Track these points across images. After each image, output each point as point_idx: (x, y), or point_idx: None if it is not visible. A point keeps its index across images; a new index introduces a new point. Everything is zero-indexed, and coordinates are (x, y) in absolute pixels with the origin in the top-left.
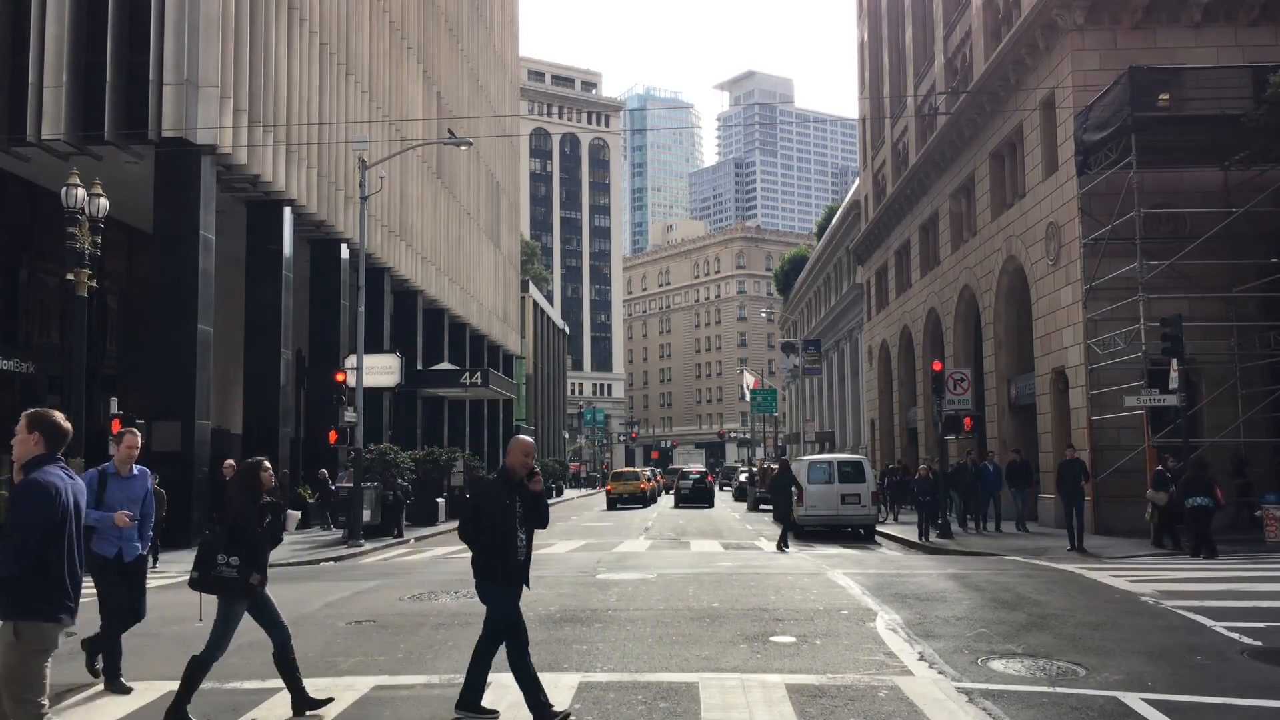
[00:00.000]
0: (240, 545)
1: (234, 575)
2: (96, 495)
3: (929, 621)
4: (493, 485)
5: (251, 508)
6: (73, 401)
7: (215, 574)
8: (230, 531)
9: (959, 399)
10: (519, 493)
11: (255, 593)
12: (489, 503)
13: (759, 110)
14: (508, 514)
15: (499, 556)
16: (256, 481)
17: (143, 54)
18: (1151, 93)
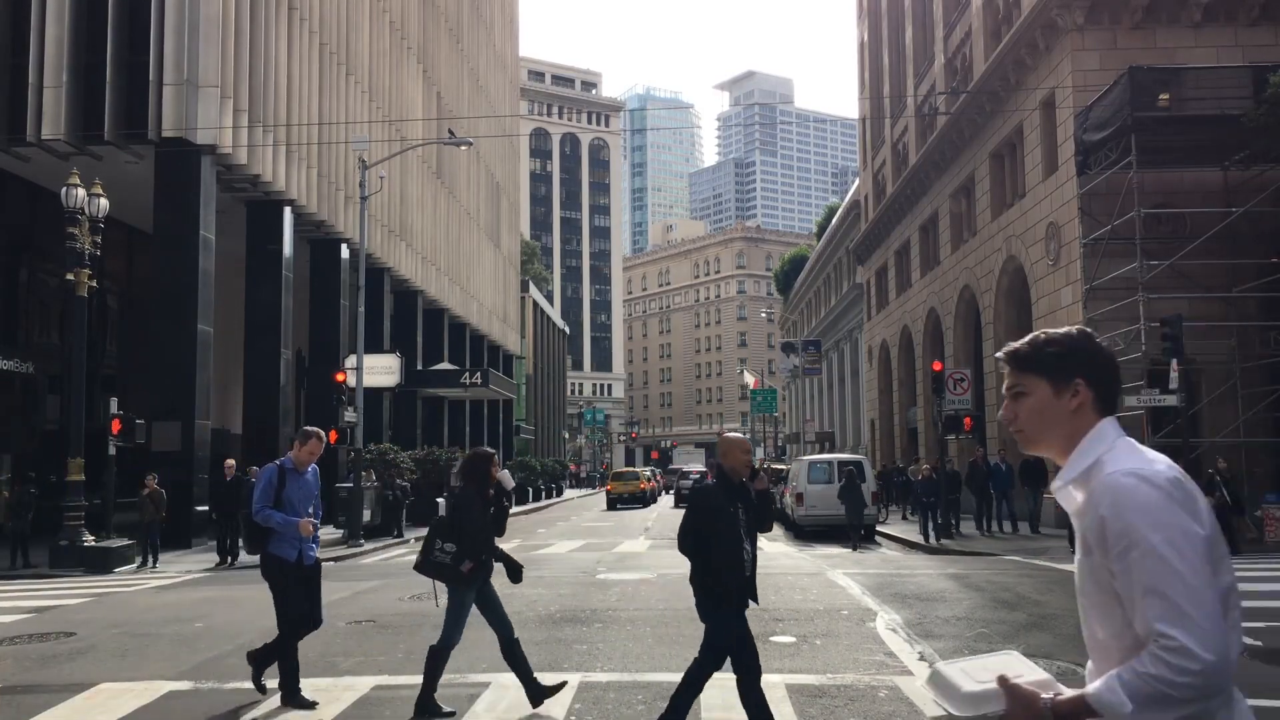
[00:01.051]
0: (457, 533)
1: (447, 561)
2: (275, 492)
3: (929, 621)
4: (714, 491)
5: (475, 496)
6: (73, 401)
7: (432, 559)
8: (453, 519)
9: (959, 399)
10: (741, 497)
11: (469, 580)
12: (712, 512)
13: (759, 110)
14: (733, 522)
15: (726, 572)
16: (487, 472)
17: (143, 54)
18: (1151, 93)
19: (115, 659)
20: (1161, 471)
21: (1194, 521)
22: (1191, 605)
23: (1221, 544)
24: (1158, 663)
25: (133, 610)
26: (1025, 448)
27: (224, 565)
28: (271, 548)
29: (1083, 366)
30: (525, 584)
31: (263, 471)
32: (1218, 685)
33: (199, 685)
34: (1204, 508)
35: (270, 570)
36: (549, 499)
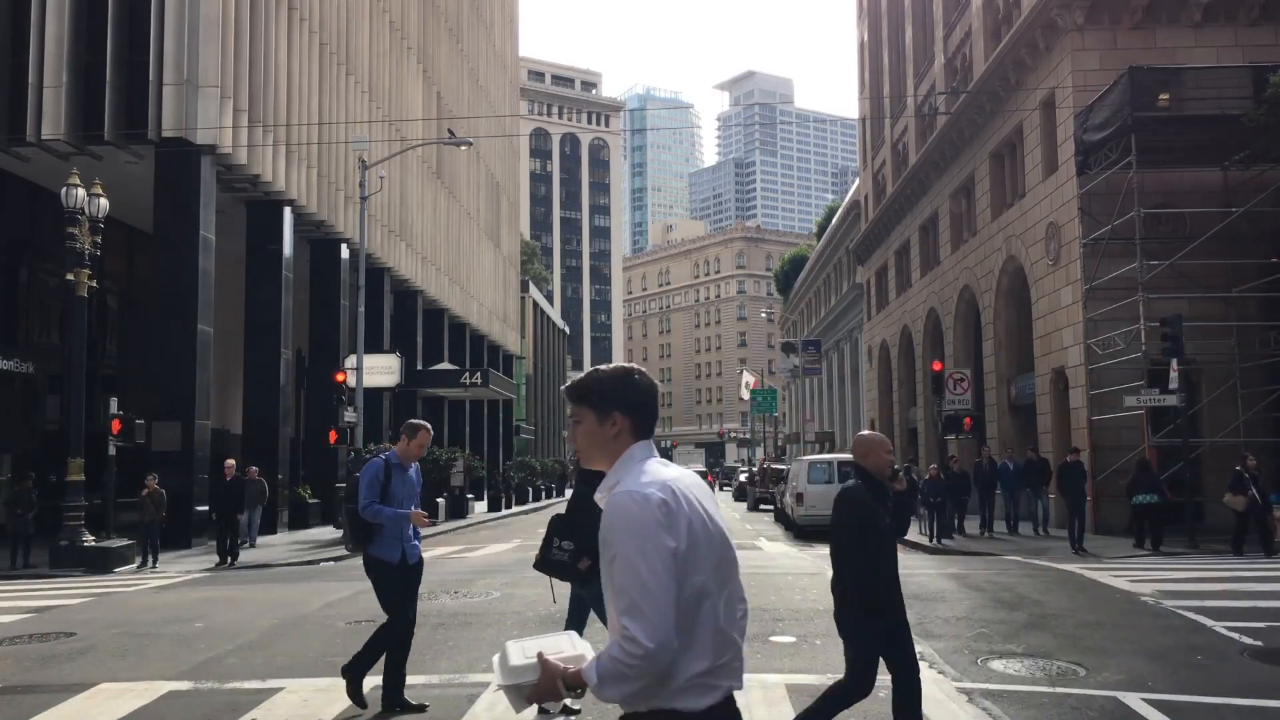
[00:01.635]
0: (574, 530)
1: (565, 559)
2: (382, 488)
3: (929, 621)
4: (863, 493)
5: (590, 494)
6: (73, 401)
7: (550, 557)
8: (571, 516)
9: (959, 399)
10: (884, 498)
11: (587, 577)
12: (867, 516)
13: (759, 110)
14: (884, 526)
15: (885, 579)
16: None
17: (143, 54)
18: (1151, 93)
19: (115, 659)
20: (652, 494)
21: (668, 536)
22: (646, 604)
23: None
24: (617, 648)
25: (133, 610)
26: (585, 464)
27: (224, 565)
28: (373, 550)
29: (620, 400)
30: (525, 584)
31: (368, 466)
32: (659, 667)
33: (199, 685)
34: (685, 526)
35: (371, 570)
36: (549, 499)
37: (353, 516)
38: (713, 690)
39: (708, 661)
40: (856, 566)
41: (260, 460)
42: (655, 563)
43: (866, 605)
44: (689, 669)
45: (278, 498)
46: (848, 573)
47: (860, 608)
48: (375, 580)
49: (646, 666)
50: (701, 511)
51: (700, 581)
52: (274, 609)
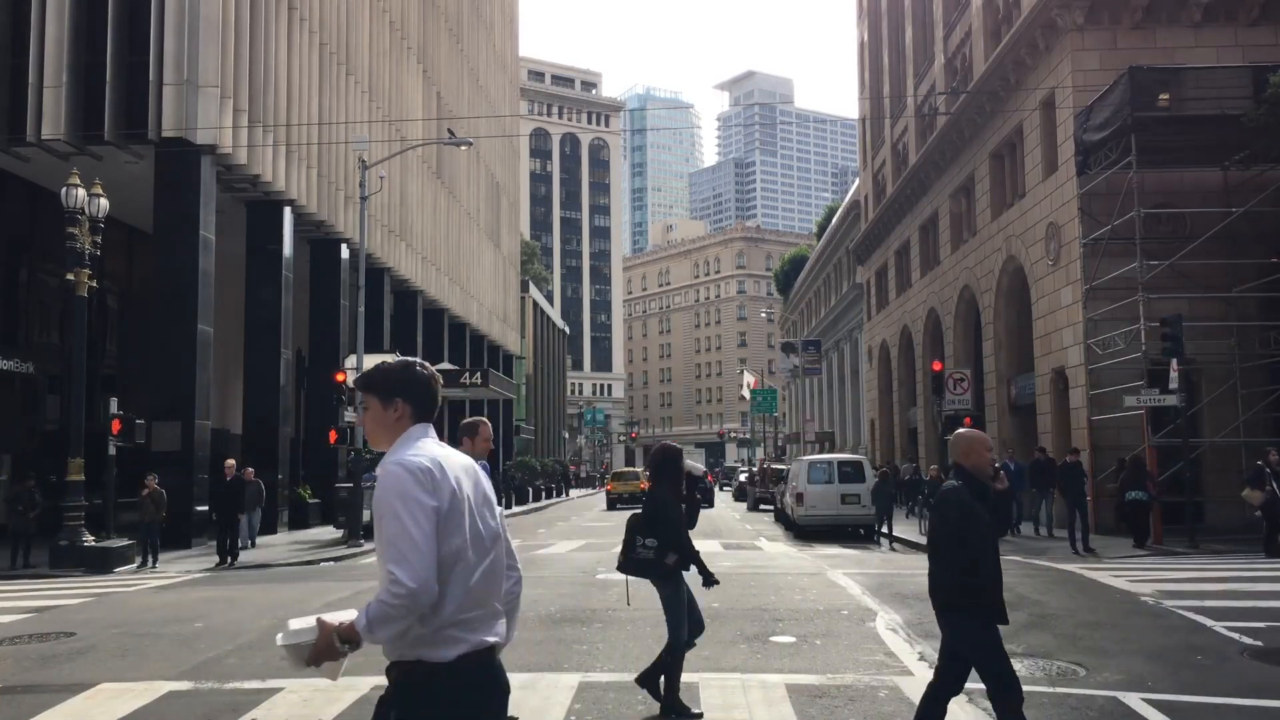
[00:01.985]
0: (657, 528)
1: (651, 557)
2: None
3: (929, 621)
4: (964, 493)
5: (671, 492)
6: (73, 401)
7: (635, 557)
8: (650, 515)
9: (959, 399)
10: (985, 498)
11: (675, 574)
12: (970, 516)
13: (759, 110)
14: (988, 527)
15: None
16: (680, 467)
17: (143, 54)
18: (1151, 93)
19: (115, 659)
20: (417, 461)
21: (430, 497)
22: (410, 551)
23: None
24: (384, 591)
25: (132, 610)
26: (372, 447)
27: (224, 565)
28: None
29: (402, 389)
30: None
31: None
32: (421, 606)
33: (199, 685)
34: (449, 493)
35: None
36: (549, 499)
37: None
38: (460, 642)
39: (453, 615)
40: (960, 569)
41: (260, 460)
42: (419, 516)
43: (974, 606)
44: (434, 621)
45: (278, 498)
46: (949, 575)
47: (971, 614)
48: None
49: (410, 604)
50: (465, 489)
51: (457, 544)
52: (274, 609)
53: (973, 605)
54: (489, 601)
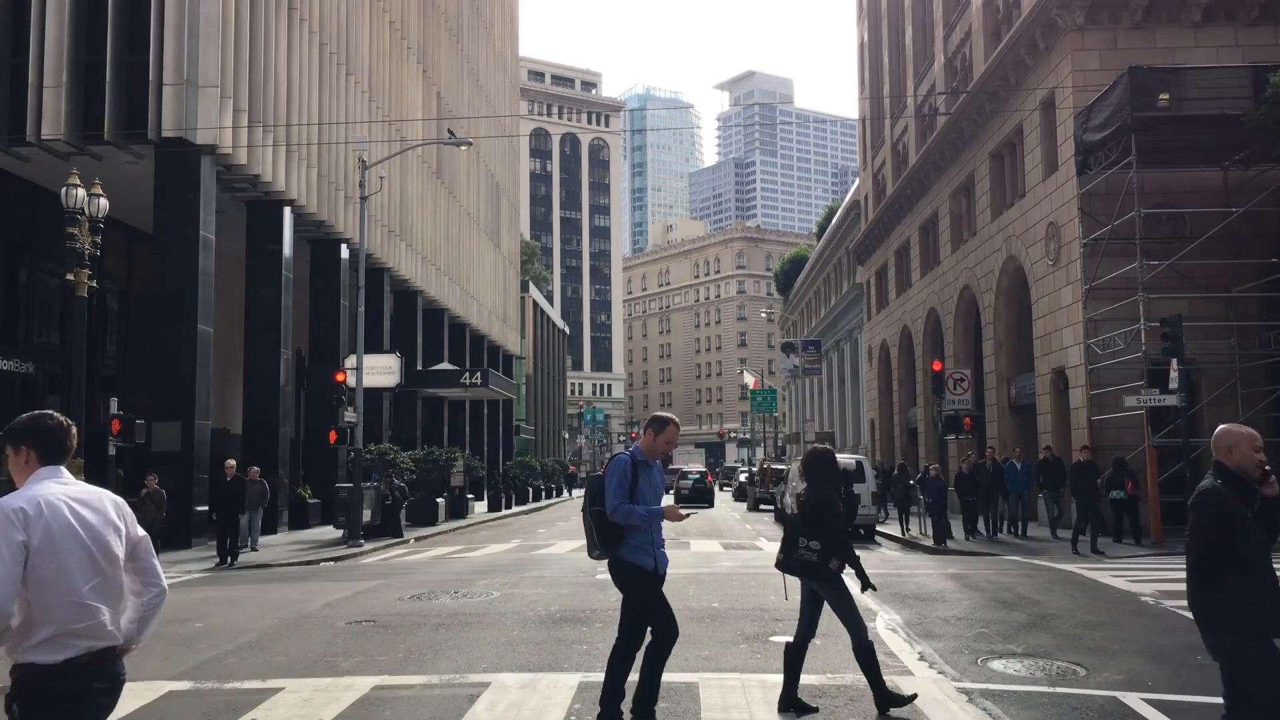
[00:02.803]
0: (820, 530)
1: (814, 559)
2: (631, 487)
3: (929, 621)
4: (1228, 496)
5: (834, 493)
6: (72, 401)
7: (797, 557)
8: (814, 516)
9: (959, 399)
10: (1251, 500)
11: (833, 577)
12: (1238, 522)
13: (759, 110)
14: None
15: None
16: (837, 467)
17: (143, 54)
18: (1151, 93)
19: None
20: (12, 504)
21: (19, 533)
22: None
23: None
24: None
25: None
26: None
27: (224, 565)
28: (627, 554)
29: (27, 437)
30: (525, 584)
31: (615, 464)
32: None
33: (199, 685)
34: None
35: (627, 578)
36: (549, 499)
37: (600, 520)
38: (68, 647)
39: (55, 628)
40: (1227, 583)
41: (260, 460)
42: (3, 549)
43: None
44: (40, 632)
45: (278, 498)
46: (1216, 590)
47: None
48: (631, 588)
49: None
50: (74, 523)
51: (53, 569)
52: (274, 609)
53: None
54: (99, 613)
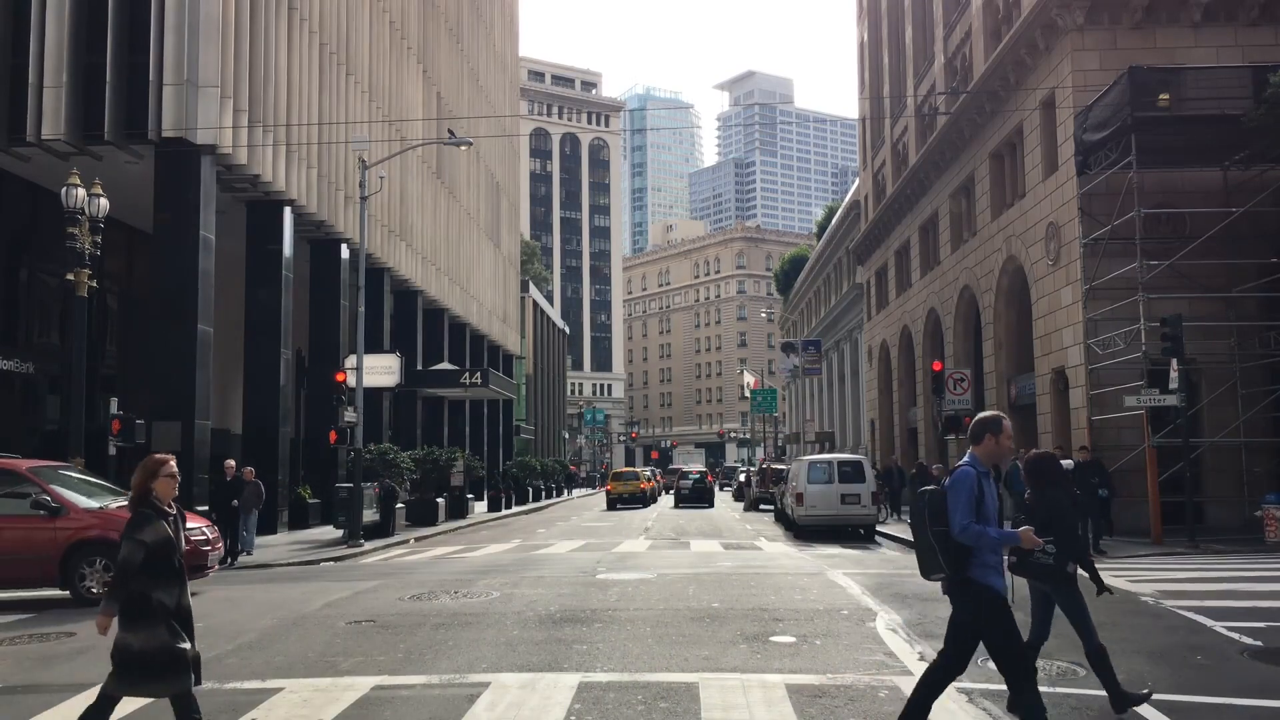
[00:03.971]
0: (1055, 532)
1: (1050, 563)
2: (975, 502)
3: (929, 621)
4: None
5: (1064, 496)
6: (73, 401)
7: (1032, 560)
8: (1045, 519)
9: (959, 399)
10: None
11: (1067, 581)
12: None
13: (759, 110)
14: None
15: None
16: (1061, 470)
17: (143, 54)
18: (1151, 93)
19: None
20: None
21: None
22: None
23: None
24: None
25: None
26: None
27: (224, 565)
28: (980, 575)
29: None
30: (525, 584)
31: (961, 479)
32: None
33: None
34: None
35: (975, 600)
36: (549, 499)
37: (943, 540)
38: None
39: None
40: None
41: (260, 460)
42: None
43: None
44: None
45: (278, 498)
46: None
47: None
48: (979, 611)
49: None
50: None
51: None
52: (274, 609)
53: None
54: None
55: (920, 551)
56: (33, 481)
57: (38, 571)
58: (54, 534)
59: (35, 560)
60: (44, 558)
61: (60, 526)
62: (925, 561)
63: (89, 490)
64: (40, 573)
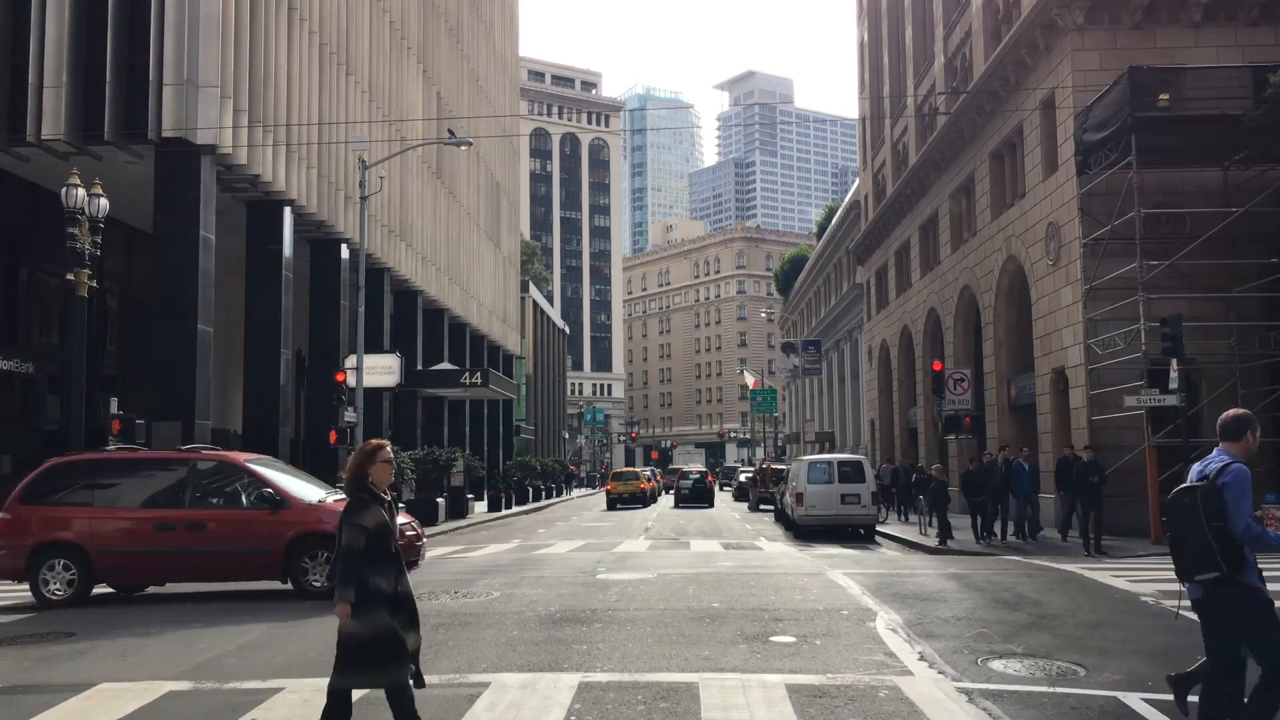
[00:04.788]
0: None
1: None
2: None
3: (929, 621)
4: None
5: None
6: (73, 401)
7: None
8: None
9: (959, 399)
10: None
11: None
12: None
13: (759, 110)
14: None
15: None
16: None
17: (143, 54)
18: (1151, 93)
19: (115, 659)
20: None
21: None
22: None
23: None
24: None
25: (132, 610)
26: None
27: None
28: (1247, 576)
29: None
30: (525, 584)
31: (1239, 476)
32: None
33: (199, 685)
34: None
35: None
36: (549, 499)
37: (1221, 537)
38: None
39: None
40: None
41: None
42: None
43: None
44: None
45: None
46: None
47: None
48: (1254, 616)
49: None
50: None
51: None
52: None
53: None
54: None
55: (1190, 549)
56: (254, 475)
57: (261, 565)
58: (277, 527)
59: (258, 553)
60: (267, 551)
61: (283, 520)
62: (1196, 559)
63: (302, 483)
64: (263, 566)
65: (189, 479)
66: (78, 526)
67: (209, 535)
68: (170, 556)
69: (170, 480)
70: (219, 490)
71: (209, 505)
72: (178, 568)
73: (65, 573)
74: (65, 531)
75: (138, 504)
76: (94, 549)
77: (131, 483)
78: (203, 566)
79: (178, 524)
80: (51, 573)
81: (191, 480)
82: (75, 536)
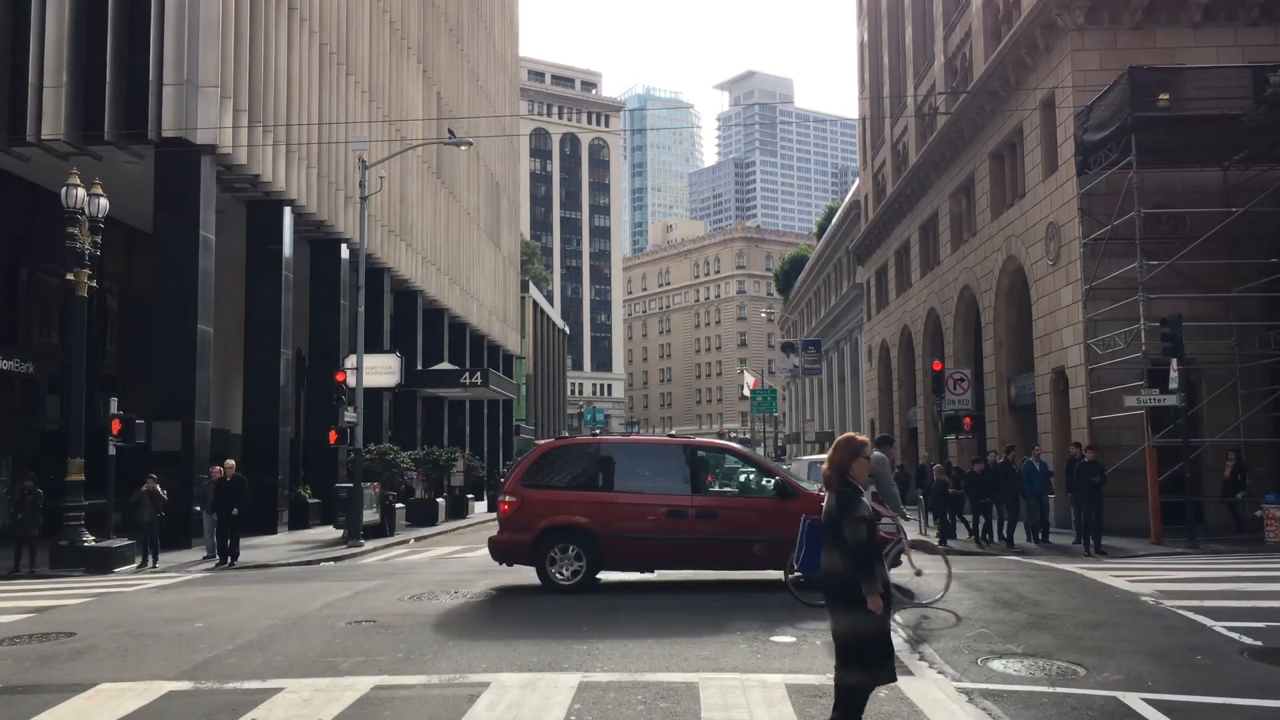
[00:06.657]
0: None
1: None
2: None
3: (929, 622)
4: None
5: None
6: (73, 401)
7: None
8: None
9: (959, 399)
10: None
11: None
12: None
13: (759, 110)
14: None
15: None
16: None
17: (143, 54)
18: (1151, 93)
19: (115, 659)
20: None
21: None
22: None
23: None
24: None
25: (132, 610)
26: None
27: (224, 565)
28: None
29: None
30: (525, 584)
31: None
32: None
33: (199, 685)
34: None
35: None
36: None
37: None
38: None
39: None
40: None
41: (260, 460)
42: None
43: None
44: None
45: (278, 498)
46: None
47: None
48: None
49: None
50: None
51: None
52: (274, 609)
53: None
54: None
55: None
56: (761, 465)
57: (771, 554)
58: (788, 517)
59: (770, 542)
60: (779, 540)
61: (792, 509)
62: None
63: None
64: (773, 555)
65: (694, 465)
66: (586, 510)
67: (720, 524)
68: (681, 544)
69: (672, 466)
70: (728, 478)
71: (719, 493)
72: (688, 555)
73: (575, 561)
74: (574, 515)
75: (643, 489)
76: (603, 533)
77: (630, 467)
78: (714, 554)
79: (689, 510)
80: (563, 555)
81: (696, 466)
82: (585, 520)
